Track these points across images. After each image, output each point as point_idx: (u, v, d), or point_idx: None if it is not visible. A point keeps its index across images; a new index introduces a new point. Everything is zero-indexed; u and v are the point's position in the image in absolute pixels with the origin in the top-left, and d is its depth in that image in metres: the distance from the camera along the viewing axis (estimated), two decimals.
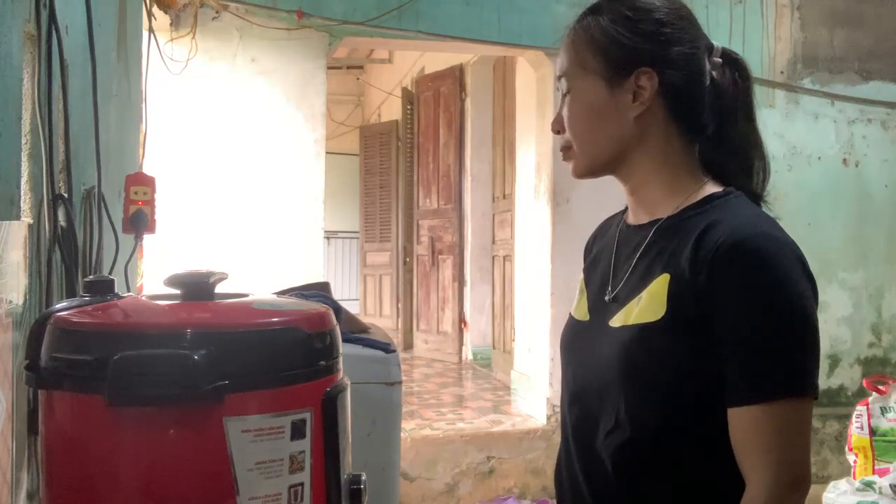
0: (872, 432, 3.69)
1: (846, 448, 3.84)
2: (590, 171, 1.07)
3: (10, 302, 1.21)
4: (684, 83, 1.01)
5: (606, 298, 1.05)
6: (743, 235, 0.92)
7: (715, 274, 0.91)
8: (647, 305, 0.97)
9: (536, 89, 4.44)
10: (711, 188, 1.02)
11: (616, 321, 1.01)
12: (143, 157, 3.12)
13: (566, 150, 1.08)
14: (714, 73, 1.04)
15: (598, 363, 1.02)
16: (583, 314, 1.10)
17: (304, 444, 0.93)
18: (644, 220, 1.06)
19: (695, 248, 0.94)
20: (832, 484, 3.55)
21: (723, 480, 0.91)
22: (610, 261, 1.09)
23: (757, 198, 1.03)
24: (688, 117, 1.03)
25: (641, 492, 0.97)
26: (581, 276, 1.18)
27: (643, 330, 0.96)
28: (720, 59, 1.04)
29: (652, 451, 0.96)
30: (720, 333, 0.91)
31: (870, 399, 3.75)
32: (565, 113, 1.06)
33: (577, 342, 1.10)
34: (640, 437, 0.96)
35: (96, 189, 1.90)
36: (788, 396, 0.88)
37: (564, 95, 1.07)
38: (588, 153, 1.05)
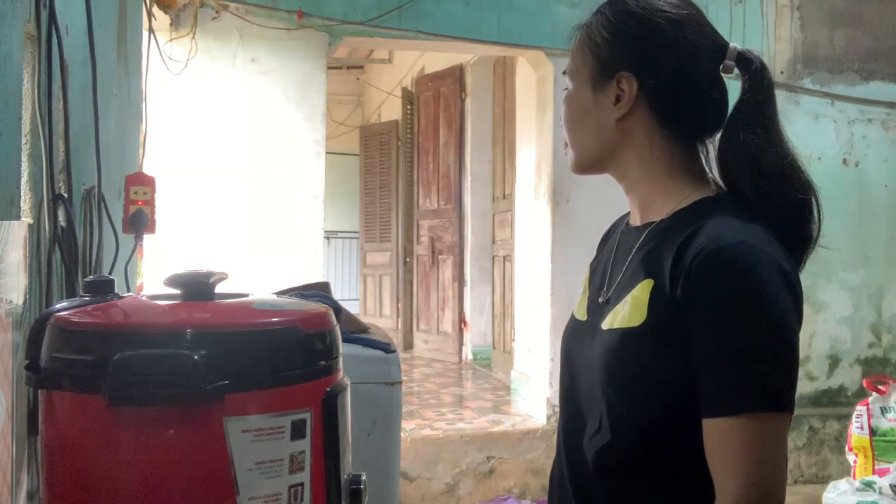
0: (872, 432, 3.69)
1: (846, 448, 3.84)
2: (580, 168, 1.09)
3: (10, 302, 1.21)
4: (669, 89, 1.00)
5: (601, 300, 1.06)
6: (721, 245, 0.90)
7: (692, 283, 0.90)
8: (629, 310, 0.97)
9: (536, 89, 4.44)
10: (705, 192, 1.01)
11: (605, 323, 1.01)
12: (143, 157, 3.12)
13: (566, 146, 1.10)
14: (724, 76, 1.02)
15: (588, 364, 1.02)
16: (582, 314, 1.11)
17: (304, 444, 0.93)
18: (640, 221, 1.06)
19: (677, 255, 0.93)
20: (832, 484, 3.55)
21: (700, 488, 0.91)
22: (609, 261, 1.10)
23: (770, 206, 0.97)
24: (674, 123, 1.02)
25: (620, 495, 0.97)
26: (586, 272, 1.18)
27: (624, 335, 0.96)
28: (733, 62, 1.01)
29: (631, 455, 0.96)
30: (696, 343, 0.90)
31: (870, 399, 3.75)
32: (561, 111, 1.09)
33: (573, 342, 1.10)
34: (620, 442, 0.96)
35: (96, 189, 1.90)
36: (759, 411, 0.86)
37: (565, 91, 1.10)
38: (576, 151, 1.08)
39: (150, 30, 3.22)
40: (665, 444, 0.94)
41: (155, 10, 3.37)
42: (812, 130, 4.50)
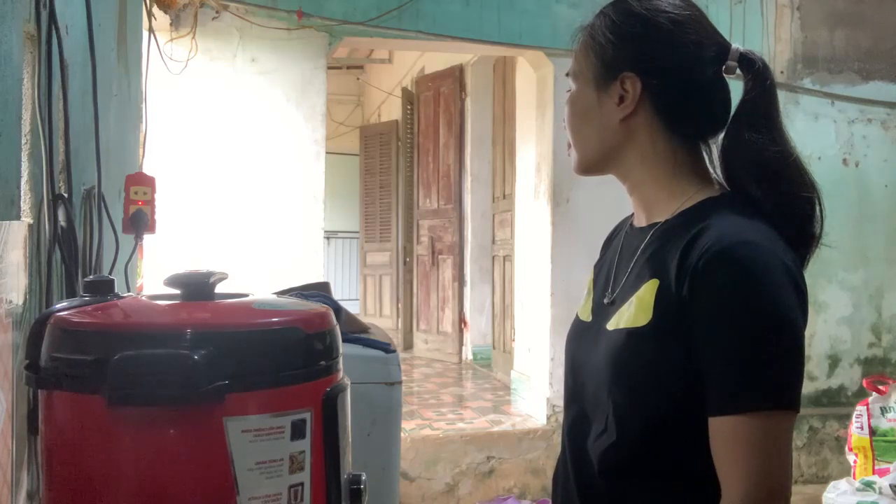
0: (872, 432, 3.69)
1: (846, 448, 3.84)
2: (583, 169, 1.09)
3: (10, 302, 1.21)
4: (673, 89, 1.01)
5: (606, 301, 1.06)
6: (726, 244, 0.90)
7: (697, 282, 0.90)
8: (635, 310, 0.97)
9: (536, 89, 4.44)
10: (709, 192, 1.01)
11: (611, 324, 1.01)
12: (143, 157, 3.12)
13: (569, 147, 1.10)
14: (726, 76, 1.02)
15: (594, 365, 1.02)
16: (587, 315, 1.11)
17: (304, 444, 0.93)
18: (645, 222, 1.06)
19: (682, 255, 0.93)
20: (832, 484, 3.55)
21: (706, 488, 0.91)
22: (613, 263, 1.10)
23: (772, 206, 0.98)
24: (678, 123, 1.02)
25: (625, 495, 0.97)
26: (590, 274, 1.18)
27: (630, 335, 0.96)
28: (735, 63, 1.01)
29: (636, 455, 0.96)
30: (701, 342, 0.90)
31: (870, 399, 3.75)
32: (564, 112, 1.09)
33: (578, 343, 1.10)
34: (626, 442, 0.96)
35: (96, 189, 1.90)
36: (765, 409, 0.86)
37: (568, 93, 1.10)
38: (579, 152, 1.08)
39: (150, 30, 3.22)
40: (671, 444, 0.94)
41: (155, 10, 3.36)
42: (812, 130, 4.50)
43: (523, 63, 4.63)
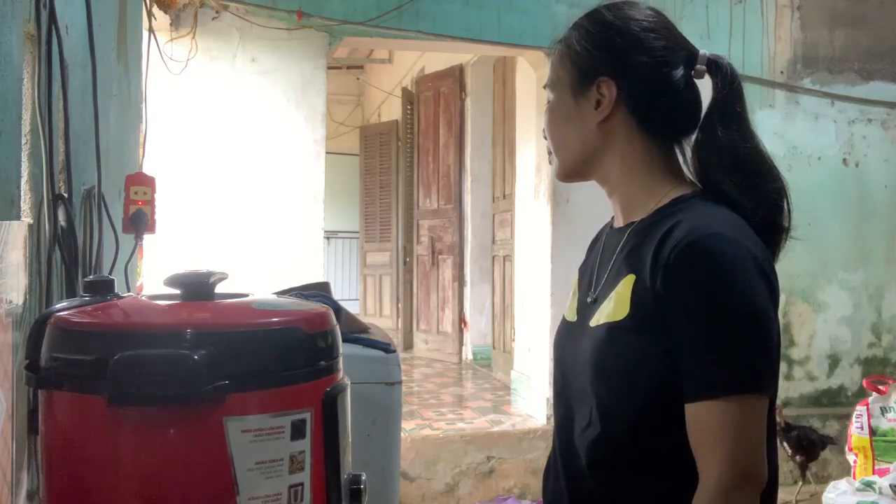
0: (872, 432, 3.69)
1: (846, 448, 3.84)
2: (565, 175, 1.13)
3: (10, 302, 1.21)
4: (646, 91, 1.05)
5: (589, 300, 1.10)
6: (696, 236, 0.94)
7: (670, 275, 0.94)
8: (614, 305, 1.01)
9: (536, 89, 4.44)
10: (683, 190, 1.05)
11: (593, 321, 1.05)
12: (143, 157, 3.12)
13: (549, 155, 1.15)
14: (696, 80, 1.07)
15: (578, 362, 1.06)
16: (572, 315, 1.14)
17: (304, 444, 0.93)
18: (623, 222, 1.10)
19: (656, 249, 0.97)
20: (832, 484, 3.55)
21: (692, 477, 0.93)
22: (596, 263, 1.14)
23: (752, 205, 1.02)
24: (653, 123, 1.07)
25: (613, 487, 1.00)
26: (575, 276, 1.22)
27: (610, 329, 1.00)
28: (704, 67, 1.06)
29: (622, 447, 0.99)
30: (676, 332, 0.94)
31: (870, 399, 3.75)
32: (544, 121, 1.14)
33: (564, 342, 1.14)
34: (611, 434, 0.99)
35: (96, 189, 1.90)
36: (736, 393, 0.90)
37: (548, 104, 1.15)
38: (561, 158, 1.12)
39: (150, 30, 3.22)
40: (653, 434, 0.97)
41: (155, 10, 3.37)
42: (812, 130, 4.50)
43: (523, 63, 4.63)
